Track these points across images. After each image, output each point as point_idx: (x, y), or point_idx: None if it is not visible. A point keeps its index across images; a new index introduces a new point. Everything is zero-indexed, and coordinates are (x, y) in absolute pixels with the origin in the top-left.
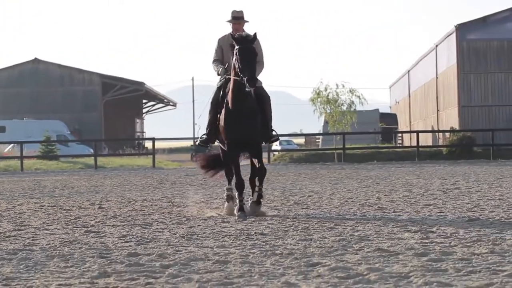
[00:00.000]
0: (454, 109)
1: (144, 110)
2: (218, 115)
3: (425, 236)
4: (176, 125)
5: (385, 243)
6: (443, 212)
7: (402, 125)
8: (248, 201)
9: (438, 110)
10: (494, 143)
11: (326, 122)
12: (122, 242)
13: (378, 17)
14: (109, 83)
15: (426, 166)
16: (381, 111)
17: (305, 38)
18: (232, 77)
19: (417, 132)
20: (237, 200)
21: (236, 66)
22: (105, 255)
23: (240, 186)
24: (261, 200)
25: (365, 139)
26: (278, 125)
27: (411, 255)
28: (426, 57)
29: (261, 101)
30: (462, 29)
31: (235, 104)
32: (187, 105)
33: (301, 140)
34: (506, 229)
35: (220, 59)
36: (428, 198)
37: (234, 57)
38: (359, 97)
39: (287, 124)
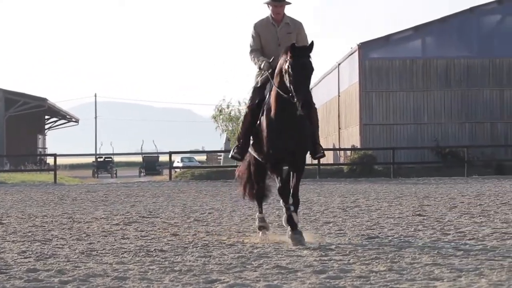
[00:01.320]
0: (355, 127)
1: (47, 126)
2: (257, 122)
3: (323, 254)
4: (78, 141)
5: (284, 260)
6: (342, 230)
7: None
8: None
9: (339, 128)
10: (394, 161)
11: (228, 140)
12: (21, 258)
13: None
14: (12, 99)
15: (327, 184)
16: None
17: (207, 55)
18: (275, 88)
19: None
20: (284, 209)
21: (287, 83)
22: (4, 270)
23: (285, 193)
24: (296, 225)
25: None
26: (180, 142)
27: (310, 272)
28: (328, 75)
29: None
30: (365, 48)
31: (279, 110)
32: (89, 122)
33: (203, 157)
34: (405, 247)
35: (259, 48)
36: (328, 216)
37: (285, 67)
38: None
39: (188, 141)
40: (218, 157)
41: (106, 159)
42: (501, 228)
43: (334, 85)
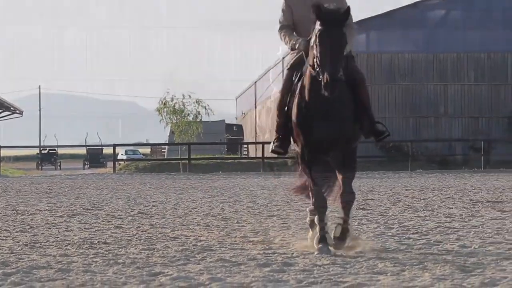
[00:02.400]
0: None
1: None
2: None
3: (267, 247)
4: (22, 133)
5: (227, 253)
6: (286, 223)
7: (248, 136)
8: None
9: None
10: None
11: (172, 132)
12: None
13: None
14: None
15: (271, 177)
16: (227, 122)
17: (154, 53)
18: (309, 66)
19: (263, 143)
20: (317, 227)
21: (313, 55)
22: None
23: (320, 205)
24: (347, 235)
25: (211, 150)
26: (124, 135)
27: (253, 265)
28: (273, 69)
29: (353, 83)
30: None
31: (314, 93)
32: (33, 114)
33: (147, 150)
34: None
35: (290, 23)
36: (272, 209)
37: (313, 38)
38: (205, 107)
39: (133, 133)
40: (162, 150)
41: (50, 151)
42: (445, 223)
43: (279, 79)
